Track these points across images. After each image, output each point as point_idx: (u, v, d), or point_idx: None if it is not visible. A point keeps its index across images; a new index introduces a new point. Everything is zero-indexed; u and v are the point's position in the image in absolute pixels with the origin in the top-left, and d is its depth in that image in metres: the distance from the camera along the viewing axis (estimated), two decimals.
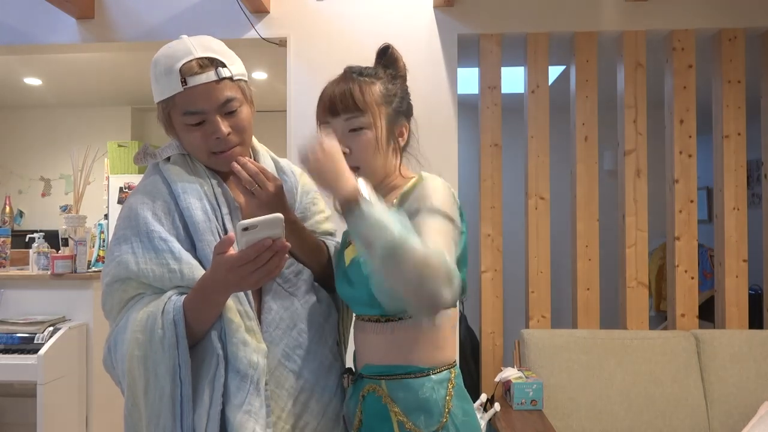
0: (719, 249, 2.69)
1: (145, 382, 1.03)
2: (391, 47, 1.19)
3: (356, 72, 1.16)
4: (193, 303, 1.03)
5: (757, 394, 2.35)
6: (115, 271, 1.09)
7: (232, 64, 1.14)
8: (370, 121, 1.12)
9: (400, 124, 1.18)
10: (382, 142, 1.13)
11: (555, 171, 2.80)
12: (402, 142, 1.19)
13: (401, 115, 1.18)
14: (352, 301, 1.19)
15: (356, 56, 2.69)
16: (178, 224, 1.11)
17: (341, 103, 1.12)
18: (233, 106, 1.13)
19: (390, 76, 1.18)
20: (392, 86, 1.17)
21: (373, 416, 1.11)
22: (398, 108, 1.17)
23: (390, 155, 1.16)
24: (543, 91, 2.70)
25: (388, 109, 1.14)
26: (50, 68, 4.35)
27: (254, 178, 1.10)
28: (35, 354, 2.54)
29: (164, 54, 1.13)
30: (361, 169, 1.12)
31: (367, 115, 1.12)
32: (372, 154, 1.13)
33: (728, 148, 2.65)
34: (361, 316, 1.18)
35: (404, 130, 1.19)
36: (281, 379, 1.10)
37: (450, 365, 1.14)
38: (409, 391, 1.09)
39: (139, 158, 1.21)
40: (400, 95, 1.18)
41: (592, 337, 2.47)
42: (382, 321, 1.12)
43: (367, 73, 1.16)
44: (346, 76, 1.16)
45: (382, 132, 1.13)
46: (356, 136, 1.12)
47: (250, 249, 0.95)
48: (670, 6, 2.65)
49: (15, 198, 5.44)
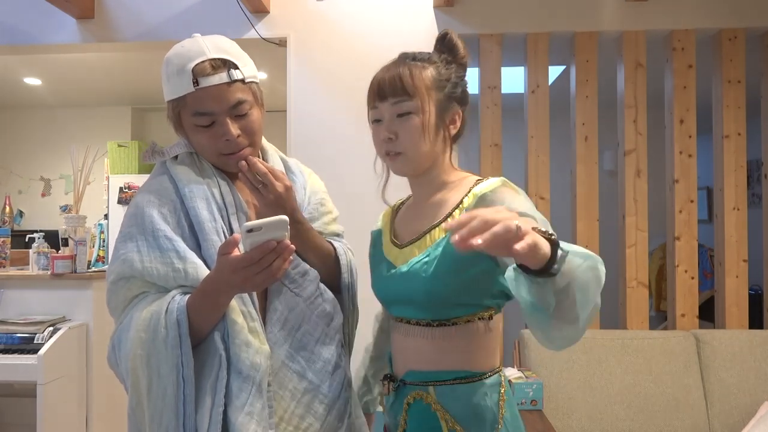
0: (719, 249, 2.69)
1: (148, 381, 1.03)
2: (450, 33, 1.13)
3: (410, 57, 1.11)
4: (196, 303, 1.03)
5: (757, 394, 2.35)
6: (119, 269, 1.09)
7: (245, 66, 1.14)
8: (417, 106, 1.06)
9: (452, 111, 1.11)
10: (429, 128, 1.07)
11: (555, 171, 2.80)
12: (453, 130, 1.13)
13: (454, 102, 1.11)
14: (394, 303, 1.14)
15: (356, 56, 2.72)
16: (184, 224, 1.11)
17: (389, 87, 1.07)
18: (244, 109, 1.12)
19: (445, 61, 1.11)
20: (446, 71, 1.10)
21: (421, 425, 1.06)
22: (451, 93, 1.10)
23: (438, 143, 1.10)
24: (543, 91, 2.70)
25: (439, 94, 1.08)
26: (50, 68, 4.35)
27: (262, 177, 1.09)
28: (35, 354, 2.53)
29: (177, 53, 1.12)
30: (406, 155, 1.08)
31: (415, 100, 1.06)
32: (418, 140, 1.07)
33: (728, 148, 2.65)
34: (402, 318, 1.12)
35: (457, 117, 1.12)
36: (285, 380, 1.10)
37: (498, 369, 1.11)
38: (462, 398, 1.05)
39: (147, 156, 1.21)
40: (454, 81, 1.11)
41: (592, 337, 2.47)
42: (433, 325, 1.06)
43: (421, 57, 1.11)
44: (399, 61, 1.11)
45: (430, 117, 1.07)
46: (403, 121, 1.07)
47: (255, 251, 0.94)
48: (670, 6, 2.65)
49: (15, 198, 5.45)
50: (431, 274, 1.03)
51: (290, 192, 1.12)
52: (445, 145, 1.12)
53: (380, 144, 1.11)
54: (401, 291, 1.10)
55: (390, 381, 1.14)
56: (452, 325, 1.06)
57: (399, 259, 1.12)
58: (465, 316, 1.05)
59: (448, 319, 1.06)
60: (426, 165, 1.11)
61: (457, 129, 1.14)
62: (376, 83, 1.10)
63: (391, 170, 1.14)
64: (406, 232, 1.16)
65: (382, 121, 1.09)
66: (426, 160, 1.10)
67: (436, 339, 1.06)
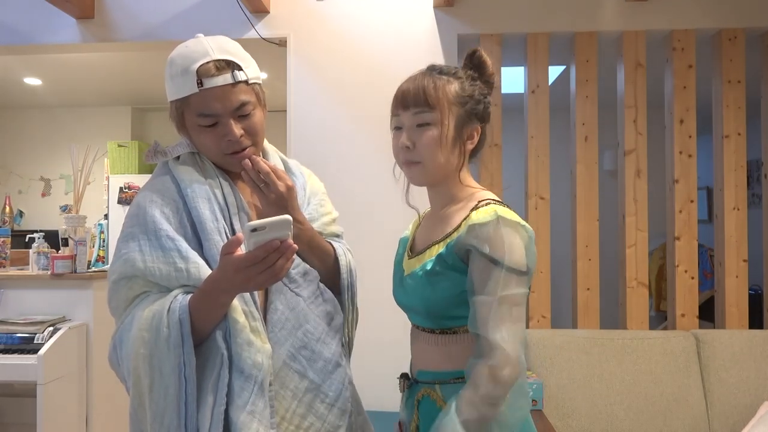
0: (719, 249, 2.69)
1: (150, 381, 1.03)
2: (480, 50, 1.18)
3: (436, 69, 1.15)
4: (198, 302, 1.03)
5: (757, 394, 2.35)
6: (121, 268, 1.09)
7: (248, 67, 1.15)
8: (437, 118, 1.10)
9: (471, 127, 1.15)
10: (447, 141, 1.11)
11: (555, 171, 2.80)
12: (470, 145, 1.16)
13: (474, 118, 1.15)
14: (405, 309, 1.21)
15: (356, 56, 2.72)
16: (186, 223, 1.12)
17: (413, 97, 1.11)
18: (247, 110, 1.14)
19: (470, 78, 1.16)
20: (470, 87, 1.14)
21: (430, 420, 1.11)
22: (472, 110, 1.14)
23: (454, 156, 1.13)
24: (543, 91, 2.70)
25: (460, 109, 1.12)
26: (50, 68, 4.35)
27: (265, 177, 1.11)
28: (35, 354, 2.53)
29: (181, 53, 1.13)
30: (422, 165, 1.12)
31: (435, 112, 1.10)
32: (434, 151, 1.10)
33: (728, 148, 2.65)
34: (414, 324, 1.21)
35: (475, 133, 1.16)
36: (286, 380, 1.10)
37: None
38: None
39: (150, 156, 1.22)
40: (477, 97, 1.15)
41: (592, 337, 2.47)
42: (436, 332, 1.14)
43: (447, 71, 1.15)
44: (426, 72, 1.15)
45: (448, 131, 1.11)
46: (422, 131, 1.11)
47: (258, 250, 0.95)
48: (670, 6, 2.65)
49: (15, 198, 5.45)
50: (422, 288, 1.12)
51: (292, 192, 1.14)
52: (461, 160, 1.15)
53: (399, 151, 1.14)
54: (407, 300, 1.17)
55: (405, 380, 1.22)
56: (453, 333, 1.12)
57: (408, 268, 1.19)
58: (464, 326, 1.09)
59: (449, 328, 1.13)
60: (440, 176, 1.15)
61: (474, 144, 1.17)
62: (401, 92, 1.13)
63: (407, 179, 1.18)
64: (419, 242, 1.22)
65: (403, 129, 1.13)
66: (441, 171, 1.13)
67: (439, 345, 1.14)
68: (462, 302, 1.08)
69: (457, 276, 1.07)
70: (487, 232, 1.05)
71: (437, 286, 1.09)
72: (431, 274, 1.10)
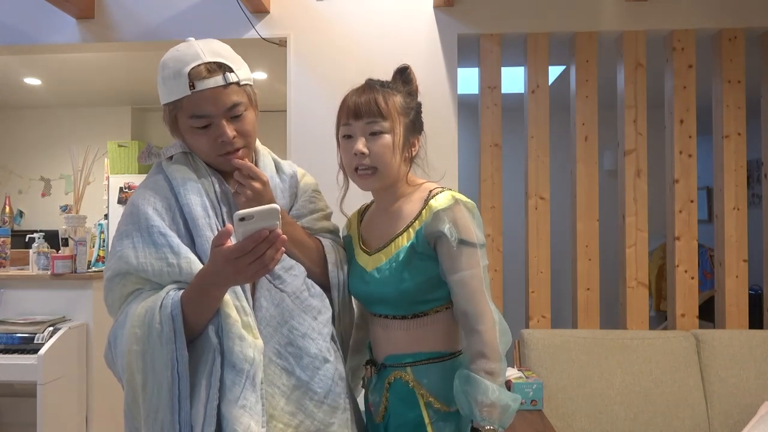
0: (719, 249, 2.69)
1: (144, 377, 1.04)
2: (409, 68, 1.31)
3: (378, 84, 1.28)
4: (190, 297, 1.04)
5: (757, 394, 2.35)
6: (116, 265, 1.11)
7: (239, 69, 1.17)
8: (390, 127, 1.22)
9: (413, 136, 1.29)
10: (398, 147, 1.23)
11: (555, 171, 2.80)
12: (413, 152, 1.30)
13: (415, 128, 1.29)
14: (372, 302, 1.29)
15: (356, 56, 2.72)
16: (179, 220, 1.13)
17: (365, 108, 1.22)
18: (239, 111, 1.16)
19: (407, 93, 1.29)
20: (410, 101, 1.28)
21: (400, 401, 1.24)
22: (414, 120, 1.28)
23: (404, 162, 1.27)
24: (543, 91, 2.70)
25: (405, 119, 1.25)
26: (50, 68, 4.35)
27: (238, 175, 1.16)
28: (35, 354, 2.54)
29: (172, 57, 1.15)
30: (379, 170, 1.23)
31: (388, 121, 1.22)
32: (389, 156, 1.22)
33: (728, 148, 2.65)
34: (381, 315, 1.28)
35: (416, 142, 1.30)
36: (273, 378, 1.11)
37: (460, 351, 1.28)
38: (435, 373, 1.23)
39: (144, 157, 1.24)
40: (416, 110, 1.29)
41: (592, 337, 2.47)
42: (407, 318, 1.24)
43: (389, 85, 1.28)
44: (370, 86, 1.27)
45: (399, 138, 1.23)
46: (376, 139, 1.22)
47: (247, 240, 0.96)
48: (670, 6, 2.65)
49: (15, 198, 5.44)
50: (397, 278, 1.21)
51: (267, 186, 1.17)
52: (407, 165, 1.29)
53: (350, 159, 1.24)
54: (376, 293, 1.25)
55: (372, 365, 1.30)
56: (424, 315, 1.25)
57: (369, 264, 1.27)
58: (434, 308, 1.25)
59: (421, 312, 1.24)
60: (392, 180, 1.27)
61: (415, 152, 1.31)
62: (353, 104, 1.24)
63: (359, 186, 1.28)
64: (373, 239, 1.31)
65: (354, 137, 1.23)
66: (393, 175, 1.26)
67: (410, 329, 1.25)
68: (433, 286, 1.22)
69: (429, 262, 1.21)
70: (452, 215, 1.19)
71: (412, 273, 1.21)
72: (406, 263, 1.21)
